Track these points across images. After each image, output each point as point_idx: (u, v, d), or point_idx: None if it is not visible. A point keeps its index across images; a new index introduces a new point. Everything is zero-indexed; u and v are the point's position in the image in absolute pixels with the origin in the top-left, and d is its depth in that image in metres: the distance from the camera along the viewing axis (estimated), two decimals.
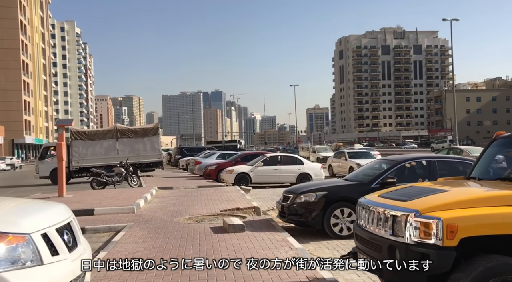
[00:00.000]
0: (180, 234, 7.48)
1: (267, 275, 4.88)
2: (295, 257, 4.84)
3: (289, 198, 7.91)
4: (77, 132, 21.81)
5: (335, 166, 22.75)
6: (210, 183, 17.97)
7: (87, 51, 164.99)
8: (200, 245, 6.61)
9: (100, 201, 11.71)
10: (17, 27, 72.58)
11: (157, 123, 23.67)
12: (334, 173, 22.14)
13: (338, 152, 24.64)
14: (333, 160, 23.50)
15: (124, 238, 7.27)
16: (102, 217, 9.65)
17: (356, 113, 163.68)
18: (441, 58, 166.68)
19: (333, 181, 8.70)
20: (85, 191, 15.69)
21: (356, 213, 4.49)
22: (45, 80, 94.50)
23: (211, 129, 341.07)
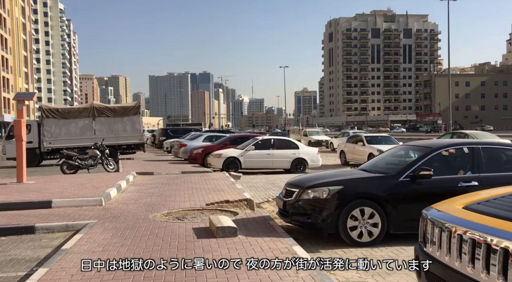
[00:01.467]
0: (153, 240, 5.79)
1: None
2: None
3: (293, 192, 6.24)
4: (49, 110, 19.80)
5: (348, 153, 19.49)
6: (196, 168, 16.25)
7: (71, 28, 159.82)
8: (178, 257, 4.93)
9: (64, 190, 9.92)
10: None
11: (138, 102, 21.70)
12: (348, 161, 19.27)
13: (353, 136, 21.17)
14: (346, 145, 20.05)
15: (79, 245, 5.55)
16: (61, 211, 7.90)
17: (345, 96, 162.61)
18: (430, 42, 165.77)
19: (349, 171, 6.98)
20: (52, 176, 13.84)
21: (422, 232, 2.80)
22: (26, 57, 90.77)
23: (199, 111, 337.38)
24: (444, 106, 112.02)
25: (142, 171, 15.27)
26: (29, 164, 19.54)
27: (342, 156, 20.04)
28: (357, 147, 18.88)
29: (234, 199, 8.95)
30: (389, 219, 5.75)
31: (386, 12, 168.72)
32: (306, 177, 6.92)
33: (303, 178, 6.92)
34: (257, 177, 14.62)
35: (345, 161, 19.56)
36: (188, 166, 17.32)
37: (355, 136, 20.52)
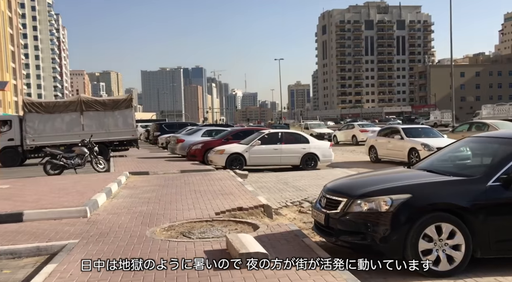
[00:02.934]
0: (152, 274, 4.20)
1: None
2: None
3: (338, 202, 4.67)
4: (31, 104, 18.02)
5: (381, 148, 16.68)
6: (196, 166, 14.64)
7: (60, 22, 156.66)
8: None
9: (41, 197, 8.28)
10: None
11: (130, 95, 19.96)
12: (379, 158, 16.77)
13: (387, 128, 18.22)
14: (377, 139, 17.28)
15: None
16: (34, 227, 6.28)
17: (339, 89, 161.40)
18: (423, 33, 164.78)
19: (406, 172, 5.19)
20: (32, 179, 12.15)
21: None
22: (13, 52, 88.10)
23: (192, 106, 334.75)
24: (440, 97, 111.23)
25: (136, 170, 13.64)
26: (10, 164, 17.90)
27: (372, 151, 17.24)
28: (392, 141, 16.13)
29: (248, 205, 7.39)
30: (475, 239, 4.24)
31: (379, 3, 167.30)
32: (353, 181, 5.30)
33: (349, 181, 5.32)
34: (265, 175, 13.06)
35: (375, 157, 16.92)
36: (187, 163, 15.71)
37: (388, 129, 17.71)
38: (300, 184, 10.87)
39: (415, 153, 14.46)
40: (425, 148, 14.10)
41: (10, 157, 17.86)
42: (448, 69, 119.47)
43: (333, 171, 13.61)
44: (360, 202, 4.48)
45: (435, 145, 13.83)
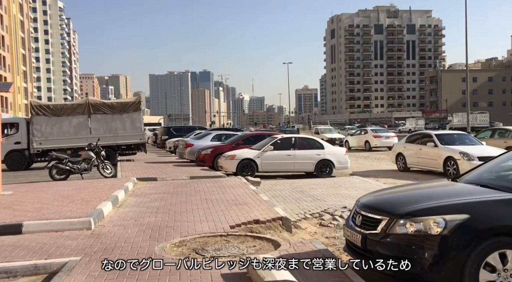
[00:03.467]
0: None
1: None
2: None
3: (377, 221, 4.04)
4: (39, 107, 17.60)
5: (410, 156, 15.14)
6: (206, 172, 14.07)
7: (71, 26, 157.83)
8: None
9: (44, 205, 7.74)
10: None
11: (139, 97, 19.47)
12: (409, 166, 15.28)
13: (417, 134, 16.35)
14: (406, 146, 15.62)
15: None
16: (33, 240, 5.72)
17: (348, 94, 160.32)
18: (434, 38, 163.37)
19: (458, 187, 4.61)
20: (37, 184, 11.65)
21: None
22: (24, 55, 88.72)
23: (199, 110, 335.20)
24: (451, 103, 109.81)
25: (143, 175, 13.10)
26: (16, 167, 17.49)
27: (400, 159, 15.65)
28: (425, 148, 14.46)
29: (265, 218, 6.78)
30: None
31: (389, 7, 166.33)
32: (393, 196, 4.64)
33: (389, 196, 4.66)
34: (279, 182, 12.43)
35: (404, 166, 15.40)
36: (196, 169, 15.14)
37: (419, 134, 15.88)
38: (317, 193, 10.24)
39: (452, 162, 13.09)
40: (464, 157, 12.75)
41: (16, 160, 17.45)
42: (460, 74, 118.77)
43: (351, 179, 12.95)
44: (404, 222, 3.84)
45: (476, 153, 12.76)
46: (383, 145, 26.31)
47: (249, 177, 12.60)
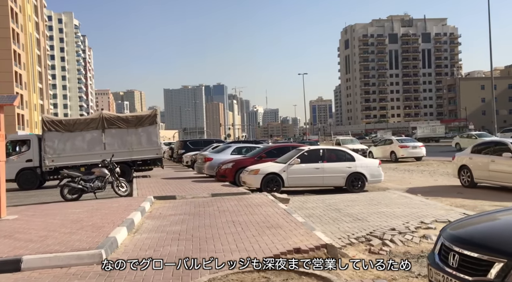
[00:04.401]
0: None
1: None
2: None
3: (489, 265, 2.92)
4: (51, 122, 16.87)
5: (478, 169, 12.86)
6: (228, 188, 13.04)
7: (86, 43, 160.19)
8: None
9: (50, 233, 6.78)
10: (7, 14, 67.56)
11: (155, 110, 18.65)
12: (476, 181, 12.94)
13: (487, 143, 13.65)
14: (472, 157, 13.19)
15: None
16: (32, 280, 4.73)
17: (363, 104, 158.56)
18: (450, 46, 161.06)
19: None
20: (46, 206, 10.75)
21: None
22: (40, 72, 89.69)
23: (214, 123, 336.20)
24: (470, 111, 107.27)
25: (161, 193, 12.14)
26: (28, 187, 16.70)
27: (463, 172, 13.38)
28: (499, 161, 12.13)
29: (307, 246, 5.71)
30: None
31: (403, 17, 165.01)
32: (499, 227, 3.51)
33: (493, 226, 3.54)
34: (309, 199, 11.31)
35: (469, 181, 13.09)
36: (217, 184, 14.13)
37: (490, 144, 13.29)
38: (355, 212, 9.10)
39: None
40: None
41: (28, 179, 16.70)
42: (479, 82, 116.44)
43: (388, 194, 11.75)
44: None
45: None
46: (410, 155, 24.98)
47: (276, 193, 11.52)
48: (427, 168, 20.72)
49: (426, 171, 19.22)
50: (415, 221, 7.90)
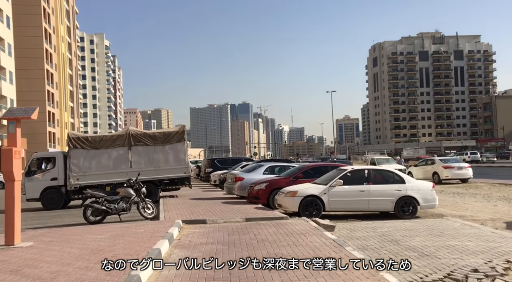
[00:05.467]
0: None
1: None
2: None
3: None
4: (77, 139, 16.17)
5: None
6: (262, 212, 11.82)
7: (116, 64, 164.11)
8: None
9: (63, 267, 5.72)
10: (41, 35, 69.42)
11: (183, 127, 17.74)
12: None
13: None
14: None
15: None
16: None
17: (393, 123, 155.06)
18: (484, 63, 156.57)
19: None
20: (68, 230, 9.78)
21: None
22: (72, 91, 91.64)
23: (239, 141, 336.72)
24: (508, 131, 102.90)
25: (190, 217, 11.04)
26: (53, 206, 15.90)
27: None
28: None
29: None
30: None
31: (434, 34, 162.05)
32: None
33: None
34: (356, 226, 9.95)
35: None
36: (249, 207, 12.94)
37: None
38: (417, 244, 7.73)
39: None
40: None
41: (52, 198, 15.96)
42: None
43: (449, 222, 10.26)
44: None
45: None
46: (456, 177, 23.13)
47: (317, 218, 10.24)
48: (477, 190, 18.93)
49: (478, 194, 17.47)
50: (499, 259, 6.49)
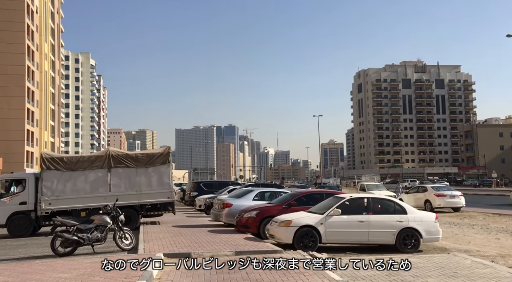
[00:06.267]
0: None
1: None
2: None
3: None
4: (51, 159, 14.90)
5: None
6: (253, 243, 10.73)
7: (101, 83, 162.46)
8: None
9: None
10: (23, 52, 67.87)
11: (168, 148, 16.65)
12: None
13: None
14: None
15: None
16: None
17: (377, 148, 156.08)
18: (464, 93, 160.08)
19: None
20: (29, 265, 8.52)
21: None
22: (53, 110, 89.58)
23: (224, 164, 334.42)
24: (489, 159, 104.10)
25: (172, 248, 9.89)
26: (19, 233, 14.33)
27: None
28: None
29: None
30: None
31: (416, 63, 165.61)
32: None
33: None
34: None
35: None
36: (238, 237, 11.84)
37: None
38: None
39: None
40: None
41: (20, 224, 14.55)
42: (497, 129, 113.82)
43: (457, 258, 9.31)
44: None
45: None
46: (448, 205, 22.40)
47: (316, 253, 9.21)
48: (473, 221, 18.16)
49: (476, 225, 16.67)
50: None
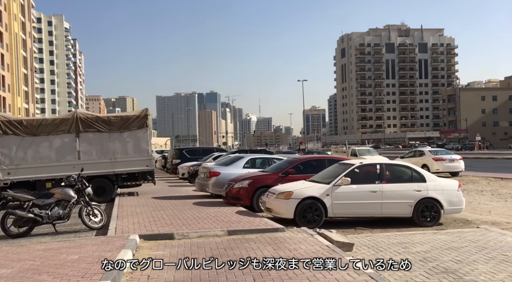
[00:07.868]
0: None
1: None
2: None
3: None
4: (8, 123, 12.80)
5: None
6: (247, 218, 9.10)
7: (77, 47, 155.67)
8: None
9: None
10: None
11: (146, 110, 14.68)
12: None
13: None
14: None
15: None
16: None
17: (359, 113, 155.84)
18: (447, 57, 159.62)
19: None
20: None
21: None
22: (26, 75, 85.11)
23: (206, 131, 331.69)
24: (471, 122, 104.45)
25: (151, 227, 8.18)
26: None
27: None
28: None
29: None
30: None
31: (400, 26, 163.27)
32: None
33: None
34: (378, 242, 7.38)
35: None
36: (229, 211, 10.19)
37: None
38: (486, 278, 5.24)
39: None
40: None
41: None
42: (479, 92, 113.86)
43: (493, 234, 7.85)
44: None
45: None
46: (447, 170, 21.17)
47: (326, 231, 7.63)
48: (478, 186, 16.93)
49: (484, 191, 15.41)
50: None
